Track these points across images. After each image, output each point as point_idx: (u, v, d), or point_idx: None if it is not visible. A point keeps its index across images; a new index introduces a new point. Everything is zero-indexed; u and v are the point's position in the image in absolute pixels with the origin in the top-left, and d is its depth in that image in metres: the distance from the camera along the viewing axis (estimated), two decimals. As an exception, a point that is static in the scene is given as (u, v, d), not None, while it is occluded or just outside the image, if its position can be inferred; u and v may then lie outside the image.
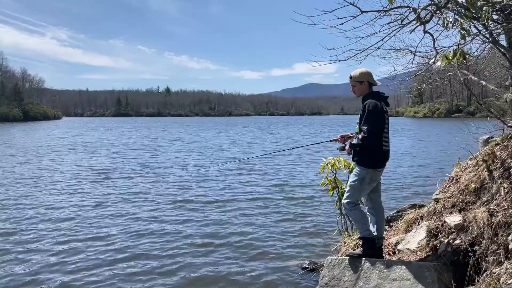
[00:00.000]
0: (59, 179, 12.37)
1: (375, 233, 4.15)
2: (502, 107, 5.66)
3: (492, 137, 5.15)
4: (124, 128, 57.40)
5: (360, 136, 3.93)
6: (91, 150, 22.39)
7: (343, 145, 4.27)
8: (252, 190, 10.61)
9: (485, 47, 5.51)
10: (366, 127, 3.86)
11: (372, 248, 4.05)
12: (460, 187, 4.37)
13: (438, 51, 4.32)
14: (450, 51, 3.85)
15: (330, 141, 4.50)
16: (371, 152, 3.94)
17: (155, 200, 9.43)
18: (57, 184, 11.56)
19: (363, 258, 3.94)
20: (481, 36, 4.30)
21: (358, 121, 4.10)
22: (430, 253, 4.10)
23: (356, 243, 4.79)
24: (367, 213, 4.28)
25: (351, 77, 4.12)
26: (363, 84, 4.06)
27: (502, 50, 4.32)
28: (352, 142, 4.04)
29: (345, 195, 4.14)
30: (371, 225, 4.24)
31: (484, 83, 5.21)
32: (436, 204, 4.65)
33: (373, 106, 3.88)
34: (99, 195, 10.06)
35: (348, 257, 4.04)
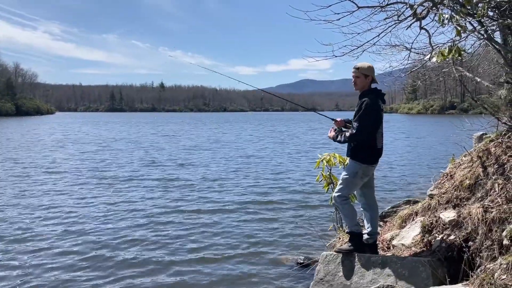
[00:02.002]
0: (46, 177, 12.29)
1: (369, 229, 4.16)
2: (496, 103, 5.68)
3: (486, 134, 5.18)
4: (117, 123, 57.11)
5: (347, 133, 3.94)
6: (80, 146, 22.27)
7: (339, 128, 4.26)
8: (247, 185, 10.61)
9: (479, 44, 5.53)
10: (357, 125, 3.85)
11: (360, 243, 4.06)
12: (455, 183, 4.39)
13: (434, 47, 4.33)
14: (445, 48, 3.85)
15: (332, 119, 4.46)
16: (366, 148, 3.95)
17: (148, 200, 9.39)
18: (44, 181, 11.48)
19: (357, 254, 3.95)
20: (476, 33, 4.31)
21: (354, 117, 4.09)
22: (424, 249, 4.12)
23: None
24: (361, 209, 4.29)
25: (357, 68, 4.00)
26: (368, 78, 4.00)
27: (497, 47, 4.33)
28: (338, 139, 4.03)
29: (337, 188, 4.14)
30: (365, 221, 4.25)
31: (478, 79, 5.23)
32: (431, 200, 4.68)
33: (370, 105, 3.84)
34: (93, 196, 10.01)
35: (342, 253, 4.04)
